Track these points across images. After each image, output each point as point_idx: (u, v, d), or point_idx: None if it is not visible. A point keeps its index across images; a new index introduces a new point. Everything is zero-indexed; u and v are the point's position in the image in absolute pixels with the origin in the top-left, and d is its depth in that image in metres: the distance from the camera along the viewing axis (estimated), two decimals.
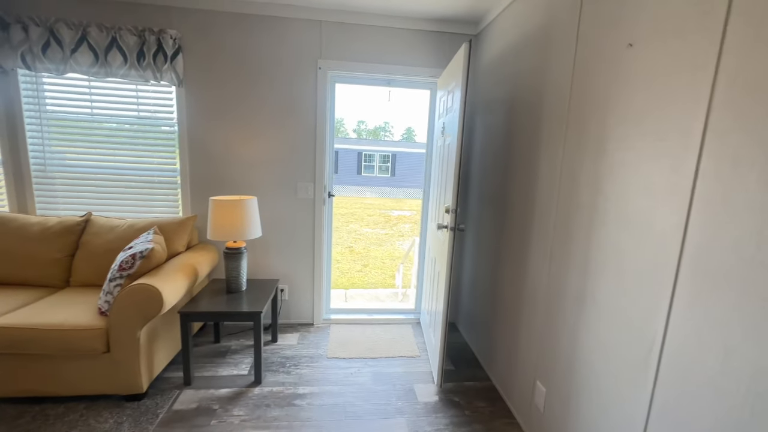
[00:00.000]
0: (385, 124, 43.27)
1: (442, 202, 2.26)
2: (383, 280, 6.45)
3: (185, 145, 2.51)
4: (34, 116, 2.40)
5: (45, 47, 2.23)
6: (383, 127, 41.56)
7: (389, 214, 13.62)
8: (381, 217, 13.01)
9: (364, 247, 8.79)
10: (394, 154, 19.73)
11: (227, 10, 2.39)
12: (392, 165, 19.74)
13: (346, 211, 13.74)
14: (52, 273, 2.20)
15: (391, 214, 13.48)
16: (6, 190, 2.44)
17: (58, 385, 1.81)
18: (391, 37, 2.57)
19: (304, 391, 2.07)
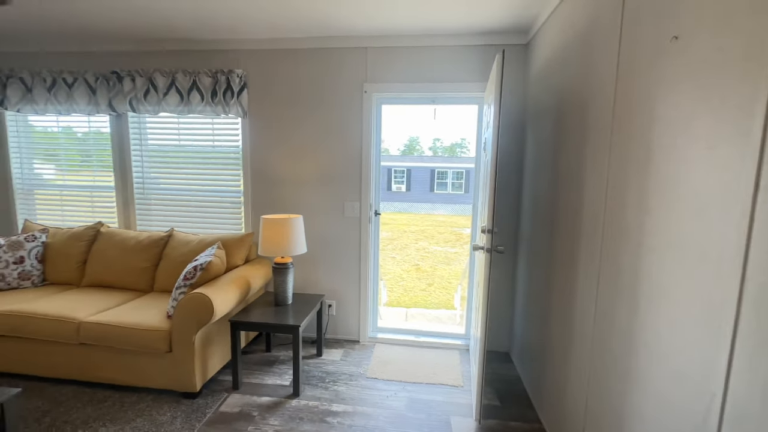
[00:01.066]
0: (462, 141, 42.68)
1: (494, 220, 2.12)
2: (447, 300, 6.24)
3: (248, 169, 2.81)
4: (137, 149, 2.93)
5: (146, 93, 2.72)
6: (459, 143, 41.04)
7: (461, 232, 13.23)
8: (452, 234, 12.71)
9: (431, 266, 8.65)
10: (468, 171, 19.27)
11: (284, 47, 2.65)
12: (466, 182, 19.28)
13: (417, 228, 13.73)
14: (140, 279, 2.61)
15: (462, 232, 13.08)
16: (116, 209, 3.00)
17: (134, 376, 2.11)
18: (435, 55, 2.56)
19: (338, 409, 2.08)
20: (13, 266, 2.52)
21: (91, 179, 3.05)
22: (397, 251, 10.06)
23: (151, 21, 2.37)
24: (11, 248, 2.54)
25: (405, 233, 12.84)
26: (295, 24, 2.38)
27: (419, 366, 2.54)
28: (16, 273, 2.53)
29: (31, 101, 2.84)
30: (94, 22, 2.42)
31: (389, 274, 7.69)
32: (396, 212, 18.50)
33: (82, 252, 2.69)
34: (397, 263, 8.83)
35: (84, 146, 3.03)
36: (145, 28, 2.50)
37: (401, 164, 20.09)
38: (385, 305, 4.65)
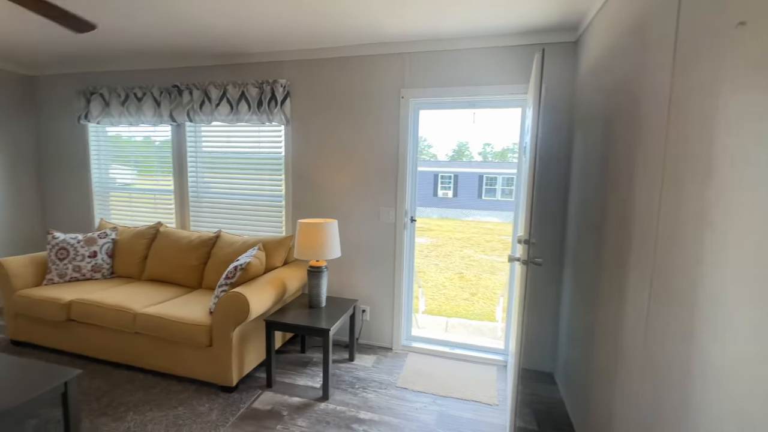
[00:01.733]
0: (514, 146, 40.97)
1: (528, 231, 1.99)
2: (490, 311, 5.97)
3: (289, 173, 2.92)
4: (192, 155, 3.18)
5: (201, 104, 2.95)
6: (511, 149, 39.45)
7: (509, 240, 12.64)
8: (500, 243, 12.21)
9: (475, 275, 8.36)
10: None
11: (324, 56, 2.72)
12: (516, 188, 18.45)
13: (463, 236, 13.39)
14: (191, 276, 2.81)
15: (510, 241, 12.49)
16: (174, 211, 3.28)
17: (180, 367, 2.27)
18: (475, 57, 2.48)
19: (365, 416, 2.06)
20: (88, 259, 2.85)
21: (154, 183, 3.37)
22: (441, 258, 9.87)
23: (206, 39, 2.57)
24: (87, 243, 2.87)
25: (450, 240, 12.58)
26: (334, 33, 2.44)
27: (452, 379, 2.45)
28: (89, 266, 2.85)
29: (108, 114, 3.21)
30: (159, 43, 2.67)
31: (431, 282, 7.55)
32: (441, 218, 18.22)
33: (143, 249, 2.96)
34: (440, 270, 8.66)
35: (149, 153, 3.35)
36: (201, 46, 2.71)
37: (448, 170, 19.78)
38: (424, 313, 4.56)
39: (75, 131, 3.48)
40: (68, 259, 2.79)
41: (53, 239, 2.81)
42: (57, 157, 3.58)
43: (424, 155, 35.02)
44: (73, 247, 2.82)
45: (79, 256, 2.83)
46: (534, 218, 2.50)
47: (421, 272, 8.32)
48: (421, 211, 18.95)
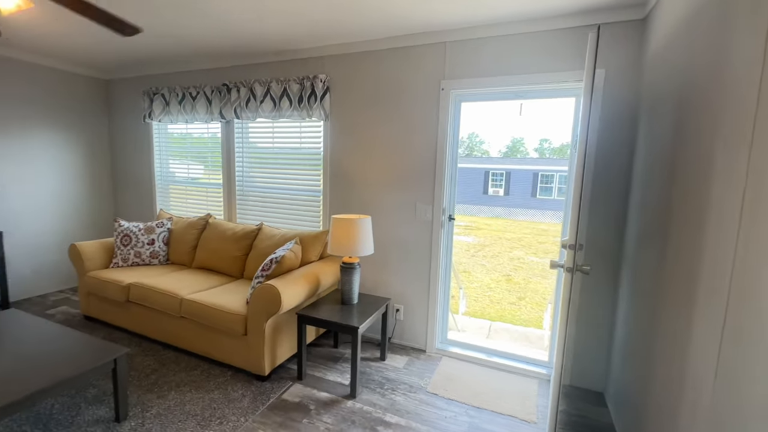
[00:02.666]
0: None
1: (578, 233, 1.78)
2: (538, 318, 5.60)
3: (327, 169, 2.93)
4: (239, 150, 3.32)
5: (247, 101, 3.06)
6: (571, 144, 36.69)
7: None
8: (554, 245, 11.45)
9: (524, 278, 7.91)
10: None
11: (362, 49, 2.68)
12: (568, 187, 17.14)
13: (513, 236, 12.76)
14: (234, 266, 2.94)
15: None
16: (222, 204, 3.46)
17: (218, 352, 2.38)
18: (524, 43, 2.28)
19: (391, 419, 2.00)
20: (147, 246, 3.11)
21: (206, 177, 3.58)
22: (488, 259, 9.49)
23: (252, 39, 2.64)
24: (146, 232, 3.13)
25: (499, 240, 12.05)
26: (372, 24, 2.37)
27: (487, 389, 2.29)
28: (148, 252, 3.10)
29: (168, 113, 3.47)
30: (209, 45, 2.81)
31: (476, 282, 7.28)
32: (491, 217, 17.53)
33: (194, 238, 3.16)
34: (486, 271, 8.32)
35: (202, 149, 3.57)
36: (247, 46, 2.80)
37: (500, 167, 18.95)
38: (464, 314, 4.38)
39: (141, 129, 3.81)
40: (131, 246, 3.06)
41: (119, 227, 3.10)
42: (126, 152, 3.95)
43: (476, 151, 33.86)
44: (135, 235, 3.09)
45: (140, 243, 3.09)
46: (586, 221, 2.25)
47: (465, 272, 8.06)
48: (468, 210, 18.39)
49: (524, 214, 17.36)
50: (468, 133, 32.90)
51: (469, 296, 6.42)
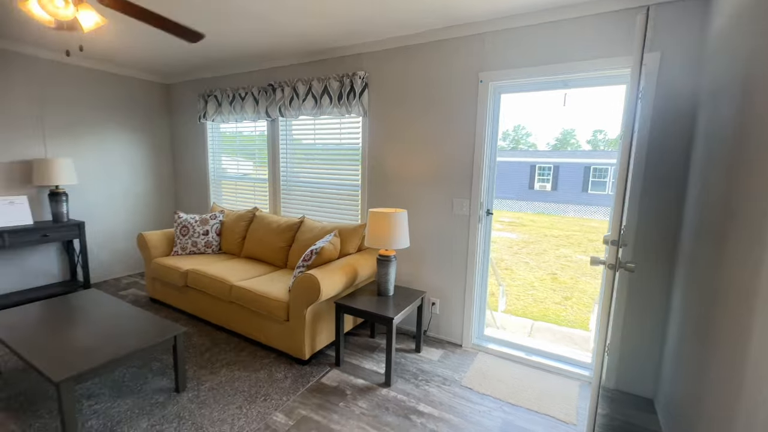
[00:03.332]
0: None
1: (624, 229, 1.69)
2: (585, 319, 5.33)
3: (365, 164, 3.00)
4: (284, 147, 3.50)
5: (291, 100, 3.21)
6: None
7: None
8: None
9: (571, 277, 7.53)
10: None
11: (399, 45, 2.70)
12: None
13: (561, 233, 12.15)
14: (278, 257, 3.12)
15: None
16: (268, 198, 3.67)
17: (264, 336, 2.55)
18: (568, 29, 2.17)
19: (424, 409, 2.03)
20: (202, 236, 3.39)
21: (253, 172, 3.81)
22: (532, 257, 9.13)
23: (296, 40, 2.77)
24: (201, 223, 3.41)
25: (545, 237, 11.53)
26: (409, 19, 2.38)
27: (525, 388, 2.25)
28: (203, 242, 3.38)
29: (220, 113, 3.73)
30: (256, 47, 2.98)
31: (518, 280, 7.06)
32: (536, 213, 16.77)
33: (242, 230, 3.39)
34: (530, 269, 8.03)
35: (250, 146, 3.80)
36: (291, 46, 2.94)
37: (548, 160, 18.03)
38: (504, 312, 4.28)
39: (196, 128, 4.14)
40: (188, 236, 3.36)
41: (178, 218, 3.40)
42: (185, 150, 4.31)
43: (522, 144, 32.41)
44: (192, 226, 3.38)
45: (196, 233, 3.37)
46: (635, 217, 2.11)
47: (507, 270, 7.83)
48: (513, 205, 17.73)
49: (574, 210, 16.41)
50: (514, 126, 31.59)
51: (510, 294, 6.25)
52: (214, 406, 1.99)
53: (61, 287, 3.44)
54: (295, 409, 1.99)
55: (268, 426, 1.86)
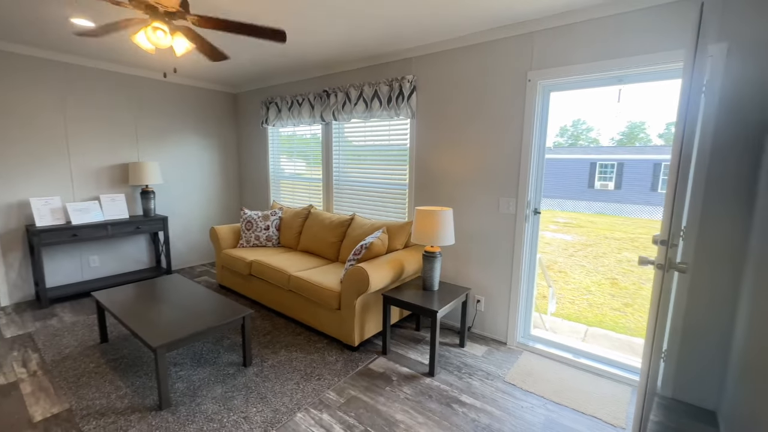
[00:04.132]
0: None
1: (674, 227, 1.64)
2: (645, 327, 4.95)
3: (413, 164, 3.12)
4: (336, 149, 3.73)
5: (343, 105, 3.43)
6: None
7: None
8: None
9: (634, 282, 7.01)
10: None
11: (447, 48, 2.78)
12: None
13: (624, 236, 11.30)
14: (330, 251, 3.35)
15: None
16: (322, 196, 3.93)
17: (318, 322, 2.79)
18: (622, 24, 2.11)
19: (466, 400, 2.11)
20: (263, 231, 3.73)
21: (309, 172, 4.11)
22: (590, 260, 8.61)
23: (349, 48, 2.97)
24: (263, 219, 3.76)
25: (605, 240, 10.79)
26: (459, 22, 2.46)
27: (571, 388, 2.23)
28: (264, 236, 3.73)
29: (280, 118, 4.07)
30: (315, 57, 3.23)
31: (572, 284, 6.74)
32: (596, 214, 15.67)
33: (299, 226, 3.69)
34: (586, 273, 7.60)
35: (306, 148, 4.09)
36: (344, 54, 3.14)
37: (610, 157, 16.75)
38: (553, 315, 4.16)
39: (259, 133, 4.54)
40: (252, 230, 3.72)
41: (244, 214, 3.79)
42: (249, 153, 4.75)
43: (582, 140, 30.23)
44: (255, 221, 3.74)
45: (259, 228, 3.73)
46: (698, 215, 2.00)
47: (561, 272, 7.49)
48: (569, 205, 16.74)
49: (640, 211, 15.09)
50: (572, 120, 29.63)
51: (563, 297, 6.00)
52: (275, 380, 2.24)
53: (149, 272, 3.99)
54: (345, 389, 2.18)
55: (322, 401, 2.06)
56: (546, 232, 11.56)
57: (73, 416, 1.90)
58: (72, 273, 3.65)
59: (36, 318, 3.03)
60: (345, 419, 1.93)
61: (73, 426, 1.84)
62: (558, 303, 5.55)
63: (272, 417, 1.92)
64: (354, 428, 1.87)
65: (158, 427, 1.83)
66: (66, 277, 3.61)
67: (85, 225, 3.39)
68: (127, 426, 1.83)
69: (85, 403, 1.99)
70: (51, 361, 2.39)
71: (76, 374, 2.26)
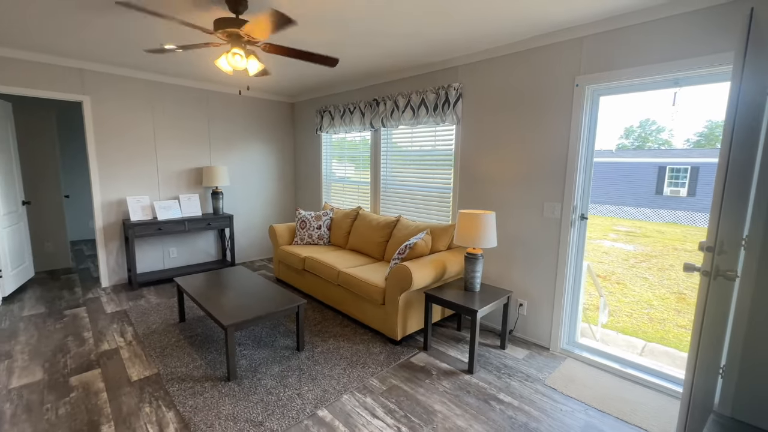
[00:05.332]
0: None
1: (735, 234, 1.59)
2: None
3: (457, 168, 3.22)
4: (384, 154, 3.93)
5: (392, 112, 3.62)
6: None
7: None
8: None
9: None
10: None
11: (495, 55, 2.84)
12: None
13: (693, 247, 10.26)
14: (377, 250, 3.55)
15: None
16: (369, 198, 4.15)
17: (364, 316, 2.98)
18: (676, 25, 2.05)
19: (504, 399, 2.17)
20: (316, 230, 4.03)
21: (357, 176, 4.35)
22: (653, 272, 7.96)
23: (398, 59, 3.15)
24: (315, 219, 4.06)
25: (674, 251, 9.89)
26: (506, 30, 2.53)
27: (615, 397, 2.19)
28: (316, 234, 4.03)
29: (333, 125, 4.36)
30: (367, 68, 3.46)
31: (630, 296, 6.33)
32: (665, 223, 14.33)
33: (348, 226, 3.93)
34: (649, 286, 7.06)
35: (355, 153, 4.34)
36: (394, 65, 3.34)
37: (683, 160, 15.25)
38: (603, 326, 3.98)
39: (313, 139, 4.89)
40: (305, 229, 4.04)
41: (299, 214, 4.12)
42: (304, 158, 5.13)
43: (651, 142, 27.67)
44: (308, 221, 4.06)
45: (312, 227, 4.04)
46: (762, 219, 1.88)
47: (619, 284, 7.03)
48: (631, 212, 15.50)
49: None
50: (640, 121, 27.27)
51: (620, 310, 5.67)
52: (325, 365, 2.46)
53: (216, 264, 4.48)
54: (387, 378, 2.34)
55: (365, 387, 2.24)
56: (604, 241, 10.87)
57: (161, 379, 2.27)
58: (155, 261, 4.22)
59: (129, 298, 3.58)
60: (386, 404, 2.09)
61: (161, 387, 2.20)
62: (612, 315, 5.27)
63: (321, 396, 2.14)
64: (395, 413, 2.02)
65: (227, 394, 2.13)
66: (150, 265, 4.19)
67: (168, 220, 3.92)
68: (202, 391, 2.15)
69: (170, 370, 2.36)
70: (142, 334, 2.84)
71: (161, 346, 2.66)
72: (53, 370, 2.35)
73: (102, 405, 2.04)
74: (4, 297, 3.52)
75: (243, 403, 2.06)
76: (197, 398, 2.09)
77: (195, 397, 2.10)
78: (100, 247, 3.83)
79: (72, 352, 2.58)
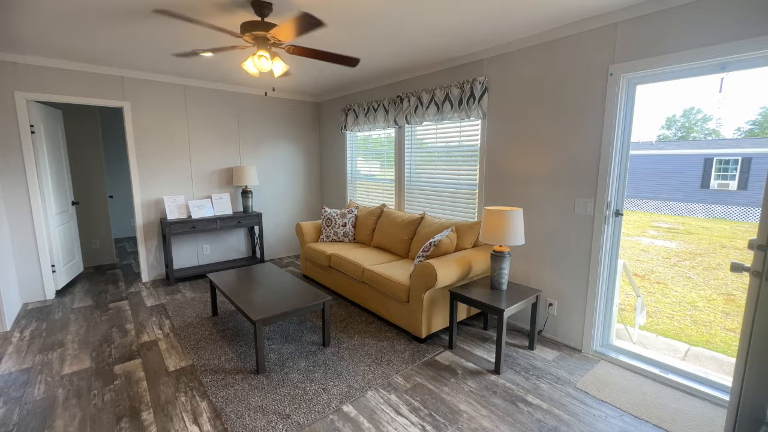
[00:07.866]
0: None
1: None
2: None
3: (483, 164, 3.14)
4: (408, 150, 3.91)
5: (415, 109, 3.59)
6: None
7: None
8: None
9: None
10: None
11: (520, 47, 2.75)
12: None
13: (743, 245, 9.53)
14: (401, 247, 3.54)
15: None
16: (394, 196, 4.14)
17: (388, 313, 2.99)
18: (729, 4, 1.90)
19: (532, 400, 2.11)
20: (341, 228, 4.08)
21: (382, 174, 4.35)
22: (698, 271, 7.46)
23: (422, 55, 3.12)
24: (341, 217, 4.11)
25: (722, 249, 9.22)
26: (534, 19, 2.44)
27: (654, 404, 2.07)
28: (341, 232, 4.07)
29: (357, 123, 4.39)
30: (390, 65, 3.45)
31: (672, 297, 5.97)
32: (711, 219, 13.37)
33: (372, 223, 3.95)
34: (693, 286, 6.63)
35: (380, 150, 4.35)
36: (417, 61, 3.30)
37: (733, 151, 14.15)
38: (641, 328, 3.78)
39: (338, 137, 4.94)
40: (331, 227, 4.10)
41: (324, 212, 4.18)
42: (329, 156, 5.19)
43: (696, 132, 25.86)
44: (334, 218, 4.11)
45: (337, 225, 4.09)
46: None
47: (659, 283, 6.64)
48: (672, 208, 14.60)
49: None
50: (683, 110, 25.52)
51: (660, 311, 5.37)
52: (350, 361, 2.49)
53: (246, 261, 4.63)
54: (411, 376, 2.33)
55: (390, 384, 2.25)
56: (642, 238, 10.30)
57: (195, 370, 2.38)
58: (190, 258, 4.43)
59: (166, 293, 3.78)
60: (411, 402, 2.09)
61: (195, 378, 2.30)
62: (650, 316, 4.99)
63: (347, 391, 2.17)
64: (419, 411, 2.01)
65: (256, 386, 2.20)
66: (185, 261, 4.40)
67: (201, 219, 4.09)
68: (233, 383, 2.24)
69: (203, 361, 2.47)
70: (178, 327, 2.99)
71: (195, 338, 2.79)
72: (99, 359, 2.52)
73: (142, 393, 2.17)
74: (58, 290, 3.81)
75: (271, 396, 2.12)
76: (228, 389, 2.18)
77: (226, 388, 2.19)
78: (140, 244, 4.06)
79: (116, 342, 2.76)
